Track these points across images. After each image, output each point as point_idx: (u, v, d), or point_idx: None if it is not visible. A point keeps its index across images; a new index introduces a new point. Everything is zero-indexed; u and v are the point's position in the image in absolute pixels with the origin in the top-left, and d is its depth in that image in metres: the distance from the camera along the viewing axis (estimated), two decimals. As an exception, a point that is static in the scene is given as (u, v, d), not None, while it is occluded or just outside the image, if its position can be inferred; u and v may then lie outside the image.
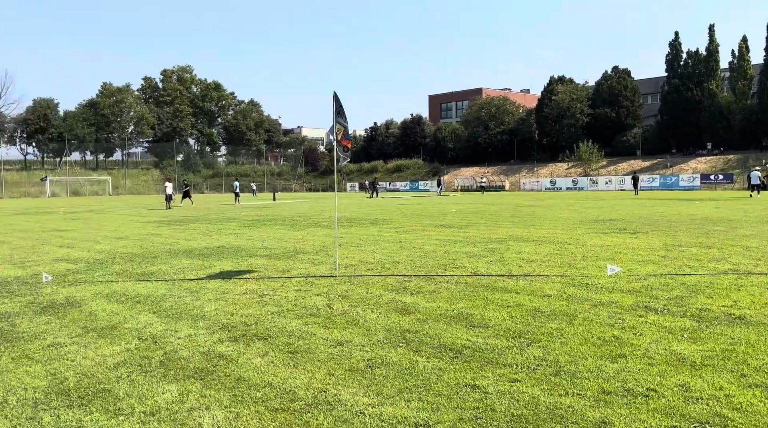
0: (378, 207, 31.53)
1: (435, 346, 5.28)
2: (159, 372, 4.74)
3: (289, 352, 5.20)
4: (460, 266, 9.75)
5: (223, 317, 6.57)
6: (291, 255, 11.71)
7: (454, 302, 7.02)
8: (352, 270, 9.57)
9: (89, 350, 5.39)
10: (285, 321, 6.33)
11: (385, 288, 7.97)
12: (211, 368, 4.83)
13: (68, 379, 4.61)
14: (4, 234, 18.06)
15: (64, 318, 6.67)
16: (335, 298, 7.42)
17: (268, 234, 16.36)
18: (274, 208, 32.25)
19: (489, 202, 35.62)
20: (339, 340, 5.54)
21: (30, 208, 40.01)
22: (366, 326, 6.03)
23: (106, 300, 7.67)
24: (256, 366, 4.85)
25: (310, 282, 8.59)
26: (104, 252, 12.79)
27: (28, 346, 5.57)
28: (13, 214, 31.70)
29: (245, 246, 13.47)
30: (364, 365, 4.82)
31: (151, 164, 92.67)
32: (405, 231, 16.12)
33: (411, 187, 70.68)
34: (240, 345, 5.45)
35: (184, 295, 7.84)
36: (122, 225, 21.20)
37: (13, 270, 10.55)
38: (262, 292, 7.93)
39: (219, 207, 35.45)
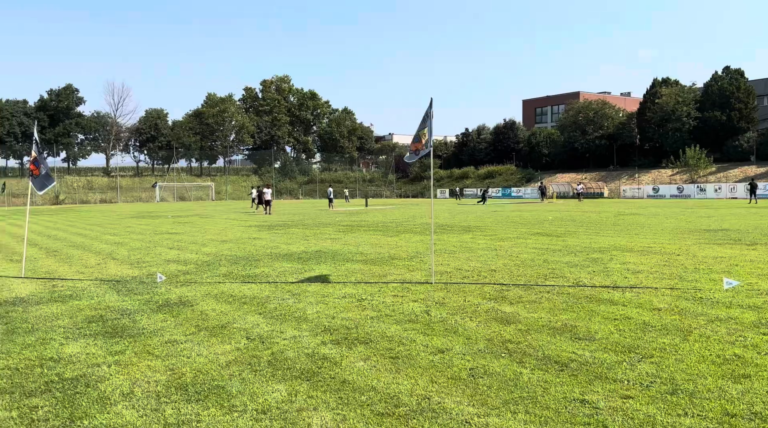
0: (470, 213, 31.24)
1: (539, 358, 5.14)
2: (268, 372, 4.93)
3: (390, 357, 5.25)
4: (560, 276, 9.46)
5: (324, 320, 6.74)
6: (386, 260, 11.83)
7: (556, 313, 6.81)
8: (447, 278, 9.53)
9: (203, 348, 5.70)
10: (384, 326, 6.39)
11: (482, 297, 7.87)
12: (317, 369, 4.95)
13: (185, 375, 4.89)
14: (122, 236, 19.49)
15: (178, 317, 7.08)
16: (432, 305, 7.41)
17: (362, 239, 16.62)
18: (367, 214, 32.74)
19: (587, 209, 34.33)
20: (439, 348, 5.52)
21: (142, 211, 42.95)
22: (466, 334, 5.97)
23: (215, 300, 8.07)
24: (359, 369, 4.93)
25: (407, 288, 8.63)
26: (211, 255, 13.48)
27: (148, 342, 5.96)
28: (127, 217, 34.15)
29: (341, 250, 13.75)
30: (466, 374, 4.77)
31: (250, 171, 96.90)
32: (500, 239, 15.85)
33: (503, 194, 69.44)
34: (342, 349, 5.56)
35: (286, 297, 8.11)
36: (225, 228, 22.28)
37: (131, 270, 11.34)
38: (360, 297, 8.06)
39: (314, 212, 36.45)
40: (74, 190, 75.04)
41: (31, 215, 12.29)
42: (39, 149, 10.62)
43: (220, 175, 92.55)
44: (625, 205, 42.18)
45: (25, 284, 9.77)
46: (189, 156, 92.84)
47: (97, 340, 6.04)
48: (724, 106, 62.55)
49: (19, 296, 8.66)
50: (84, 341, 6.02)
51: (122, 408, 4.16)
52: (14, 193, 68.67)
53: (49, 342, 5.98)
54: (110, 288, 9.25)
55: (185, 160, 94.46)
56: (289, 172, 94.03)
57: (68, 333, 6.34)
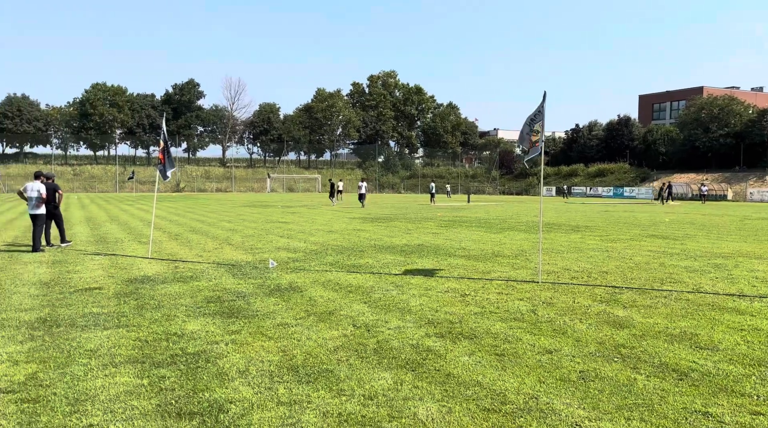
0: (579, 212, 30.08)
1: (655, 365, 4.87)
2: (374, 359, 5.02)
3: (496, 354, 5.18)
4: (678, 281, 8.89)
5: (428, 313, 6.76)
6: (489, 257, 11.67)
7: (674, 320, 6.42)
8: (555, 277, 9.25)
9: (312, 332, 5.90)
10: (489, 322, 6.31)
11: (593, 299, 7.56)
12: (421, 361, 4.99)
13: (296, 357, 5.09)
14: (236, 223, 20.60)
15: (289, 301, 7.39)
16: (539, 304, 7.22)
17: (465, 235, 16.49)
18: (469, 210, 32.44)
19: (709, 212, 31.99)
20: (547, 348, 5.37)
21: (254, 201, 45.13)
22: (575, 336, 5.77)
23: (322, 287, 8.34)
24: (464, 364, 4.91)
25: (511, 286, 8.47)
26: (318, 244, 13.92)
27: (261, 323, 6.26)
28: (241, 205, 36.03)
29: (443, 245, 13.73)
30: (576, 376, 4.62)
31: (355, 165, 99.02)
32: (611, 240, 15.14)
33: (614, 193, 66.21)
34: (447, 342, 5.55)
35: (390, 289, 8.22)
36: (331, 219, 22.92)
37: (245, 255, 11.96)
38: (463, 292, 8.01)
39: (416, 206, 36.63)
40: (193, 178, 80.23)
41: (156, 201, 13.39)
42: (166, 140, 11.45)
43: (327, 168, 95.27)
44: (753, 208, 38.84)
45: (152, 264, 10.58)
46: (298, 149, 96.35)
47: (215, 319, 6.43)
48: None
49: (147, 275, 9.39)
50: (204, 319, 6.43)
51: (239, 385, 4.41)
52: (141, 181, 74.52)
53: (173, 319, 6.44)
54: (226, 271, 9.80)
55: (294, 152, 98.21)
56: (391, 167, 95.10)
57: (189, 312, 6.80)
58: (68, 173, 76.08)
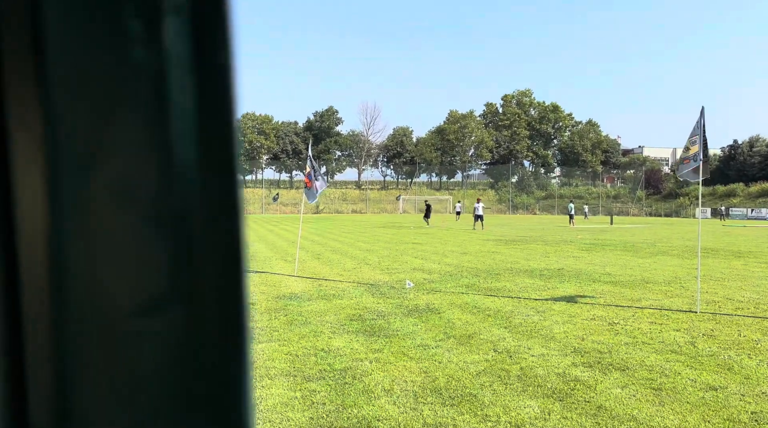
0: (740, 236, 27.36)
1: None
2: (518, 386, 4.90)
3: (651, 388, 4.84)
4: None
5: (573, 341, 6.48)
6: (639, 283, 10.96)
7: None
8: (715, 307, 8.47)
9: (452, 355, 5.90)
10: (642, 354, 5.92)
11: (762, 333, 6.83)
12: (569, 390, 4.78)
13: (438, 379, 5.11)
14: (372, 243, 21.18)
15: (427, 323, 7.44)
16: (699, 337, 6.65)
17: (609, 259, 15.64)
18: (612, 232, 30.72)
19: None
20: (711, 384, 4.93)
21: (387, 222, 46.15)
22: (743, 373, 5.24)
23: (460, 310, 8.30)
24: (616, 396, 4.64)
25: (665, 316, 7.89)
26: (452, 266, 13.91)
27: (402, 343, 6.37)
28: (375, 226, 37.00)
29: (586, 270, 13.12)
30: (747, 417, 4.18)
31: (487, 185, 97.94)
32: (780, 267, 13.61)
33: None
34: (596, 372, 5.28)
35: (531, 314, 8.00)
36: (465, 241, 22.81)
37: (382, 275, 12.25)
38: (611, 320, 7.59)
39: (553, 228, 35.39)
40: (331, 201, 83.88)
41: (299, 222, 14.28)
42: (313, 164, 12.11)
43: (458, 189, 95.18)
44: None
45: (298, 282, 11.17)
46: (430, 170, 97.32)
47: (358, 337, 6.64)
48: None
49: (294, 292, 9.93)
50: (348, 336, 6.66)
51: (385, 403, 4.50)
52: (284, 203, 79.26)
53: (320, 335, 6.74)
54: (366, 290, 10.10)
55: (426, 174, 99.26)
56: (526, 187, 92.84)
57: (334, 328, 7.08)
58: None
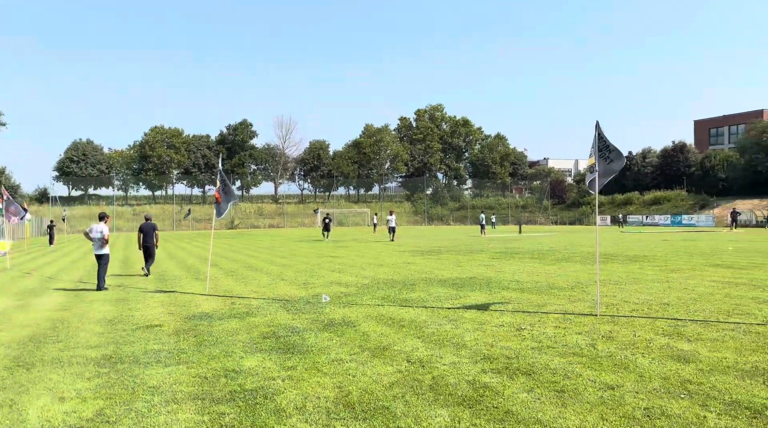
0: (636, 242, 29.20)
1: (726, 402, 4.65)
2: (430, 396, 4.98)
3: (555, 390, 5.05)
4: (747, 313, 8.49)
5: (483, 348, 6.67)
6: (544, 289, 11.44)
7: (744, 354, 6.12)
8: (614, 310, 8.98)
9: (367, 368, 5.90)
10: (547, 357, 6.17)
11: (655, 332, 7.30)
12: (478, 397, 4.91)
13: (352, 393, 5.10)
14: (288, 258, 20.90)
15: (343, 336, 7.42)
16: (599, 339, 7.02)
17: (517, 267, 16.24)
18: (521, 241, 31.95)
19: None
20: (609, 384, 5.21)
21: (305, 236, 45.74)
22: (638, 371, 5.57)
23: (375, 322, 8.34)
24: (522, 401, 4.80)
25: (568, 320, 8.27)
26: (369, 278, 13.97)
27: (316, 359, 6.31)
28: (293, 240, 36.58)
29: (496, 277, 13.55)
30: (641, 414, 4.45)
31: (403, 198, 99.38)
32: (671, 270, 14.63)
33: (672, 222, 64.01)
34: (504, 378, 5.45)
35: (444, 323, 8.15)
36: (382, 253, 22.98)
37: (298, 290, 12.11)
38: (519, 326, 7.87)
39: (466, 238, 36.34)
40: (247, 215, 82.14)
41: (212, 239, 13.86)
42: (223, 178, 11.83)
43: (376, 202, 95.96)
44: (824, 234, 36.84)
45: (209, 301, 10.83)
46: (347, 184, 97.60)
47: (271, 355, 6.52)
48: None
49: (204, 311, 9.62)
50: (260, 355, 6.52)
51: (297, 421, 4.44)
52: (197, 219, 76.79)
53: (231, 355, 6.56)
54: (281, 306, 9.94)
55: (344, 187, 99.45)
56: (440, 199, 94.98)
57: (246, 348, 6.91)
58: (128, 213, 79.09)
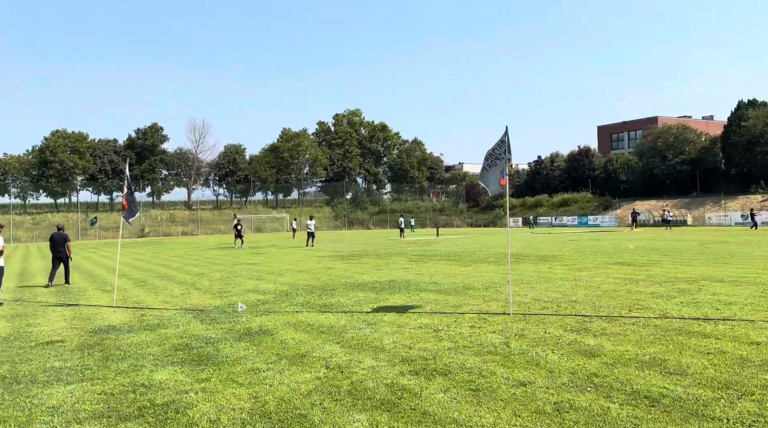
0: (546, 242, 30.50)
1: (628, 393, 4.91)
2: (348, 401, 4.95)
3: (470, 389, 5.16)
4: (646, 307, 9.05)
5: (401, 350, 6.72)
6: (461, 290, 11.71)
7: (644, 346, 6.51)
8: (525, 309, 9.31)
9: (284, 376, 5.80)
10: (463, 357, 6.31)
11: (564, 329, 7.63)
12: (396, 400, 4.93)
13: (268, 403, 4.99)
14: (203, 267, 20.27)
15: (260, 345, 7.26)
16: (512, 337, 7.25)
17: (435, 269, 16.54)
18: (438, 244, 32.58)
19: (672, 237, 32.78)
20: (521, 380, 5.38)
21: (221, 243, 44.55)
22: (548, 367, 5.80)
23: (294, 329, 8.22)
24: (439, 401, 4.87)
25: (484, 319, 8.50)
26: (288, 285, 13.78)
27: (231, 370, 6.13)
28: (208, 248, 35.52)
29: (415, 280, 13.73)
30: (551, 408, 4.62)
31: (323, 202, 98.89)
32: (578, 269, 15.37)
33: (579, 222, 67.43)
34: (421, 380, 5.51)
35: (363, 327, 8.16)
36: (301, 259, 22.74)
37: (213, 299, 11.75)
38: (436, 327, 8.00)
39: (385, 242, 36.64)
40: (158, 223, 78.94)
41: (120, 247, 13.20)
42: (130, 185, 11.31)
43: (295, 207, 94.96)
44: (712, 232, 39.99)
45: (117, 313, 10.31)
46: (265, 189, 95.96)
47: (184, 367, 6.27)
48: (821, 127, 58.64)
49: (111, 324, 9.14)
50: (172, 368, 6.26)
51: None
52: (104, 227, 73.01)
53: (140, 369, 6.26)
54: (194, 317, 9.61)
55: (262, 192, 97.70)
56: (360, 203, 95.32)
57: (157, 361, 6.62)
58: (27, 222, 74.06)
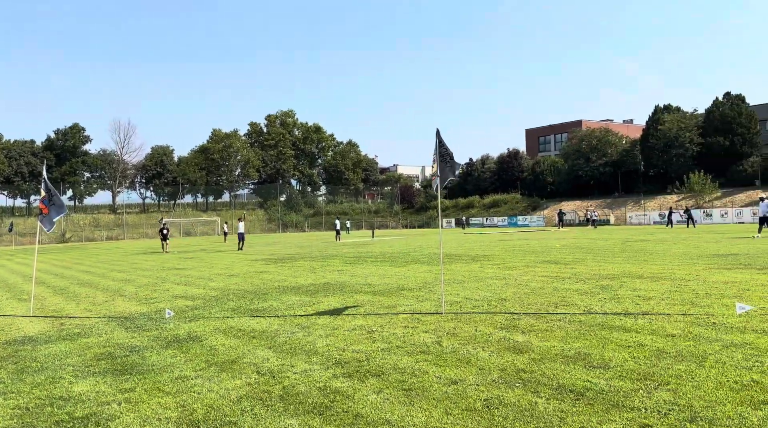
0: (477, 242, 31.17)
1: (554, 387, 5.07)
2: (280, 407, 4.87)
3: (403, 389, 5.19)
4: (571, 304, 9.38)
5: (335, 353, 6.68)
6: (395, 291, 11.78)
7: (569, 341, 6.74)
8: (457, 307, 9.47)
9: (213, 383, 5.65)
10: (396, 357, 6.33)
11: (494, 327, 7.80)
12: (329, 403, 4.90)
13: (197, 411, 4.84)
14: (128, 273, 19.50)
15: (188, 353, 7.04)
16: (444, 336, 7.35)
17: (370, 270, 16.57)
18: (374, 245, 32.70)
19: (595, 236, 34.22)
20: (452, 379, 5.46)
21: (148, 247, 43.06)
22: (479, 365, 5.91)
23: (224, 335, 8.03)
24: (372, 402, 4.87)
25: (417, 319, 8.57)
26: (218, 290, 13.45)
27: (158, 378, 5.92)
28: (134, 253, 34.23)
29: (349, 282, 13.71)
30: (481, 405, 4.71)
31: (256, 205, 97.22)
32: (508, 268, 15.78)
33: (509, 223, 69.38)
34: (354, 382, 5.50)
35: (296, 331, 8.06)
36: (232, 263, 22.27)
37: (139, 306, 11.32)
38: (370, 328, 8.00)
39: (320, 244, 36.45)
40: (80, 227, 75.37)
41: (39, 254, 12.53)
42: (48, 188, 10.73)
43: (226, 210, 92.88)
44: (633, 231, 42.03)
45: (34, 323, 9.75)
46: (195, 191, 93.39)
47: (106, 378, 6.00)
48: (727, 132, 62.72)
49: (27, 335, 8.64)
50: (93, 379, 5.98)
51: (134, 447, 4.11)
52: (21, 233, 69.00)
53: (59, 381, 5.94)
54: (118, 325, 9.22)
55: (191, 195, 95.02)
56: (294, 205, 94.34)
57: (77, 372, 6.30)
58: (-66, 227, 69.05)
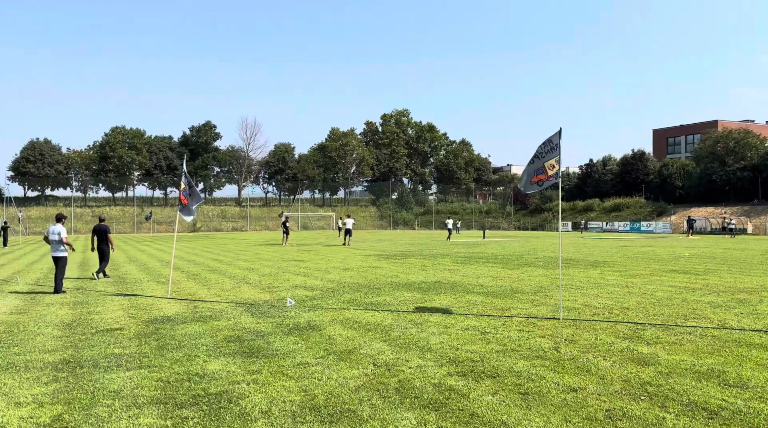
0: (597, 247, 29.82)
1: (684, 404, 4.77)
2: (396, 399, 4.98)
3: (519, 393, 5.11)
4: (702, 317, 8.75)
5: (449, 351, 6.71)
6: (508, 294, 11.58)
7: (701, 357, 6.31)
8: (576, 314, 9.15)
9: (332, 371, 5.88)
10: (511, 360, 6.25)
11: (615, 336, 7.46)
12: (444, 400, 4.93)
13: (318, 397, 5.07)
14: (252, 262, 20.68)
15: (308, 340, 7.37)
16: (562, 342, 7.14)
17: (482, 271, 16.40)
18: (485, 246, 32.29)
19: (730, 246, 31.56)
20: (571, 386, 5.29)
21: (269, 239, 45.35)
22: (600, 374, 5.69)
23: (341, 325, 8.31)
24: (488, 403, 4.85)
25: (532, 323, 8.39)
26: (335, 282, 13.92)
27: (281, 363, 6.25)
28: (257, 244, 36.21)
29: (461, 282, 13.66)
30: (602, 415, 4.54)
31: (369, 202, 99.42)
32: (631, 276, 14.98)
33: (631, 228, 65.62)
34: (469, 381, 5.49)
35: (409, 326, 8.18)
36: (347, 257, 22.93)
37: (263, 294, 11.99)
38: (483, 329, 7.94)
39: (431, 243, 36.55)
40: (209, 218, 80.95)
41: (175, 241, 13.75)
42: (188, 180, 11.64)
43: (341, 206, 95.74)
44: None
45: (171, 304, 10.63)
46: (313, 187, 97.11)
47: (235, 359, 6.43)
48: None
49: (167, 315, 9.44)
50: (224, 359, 6.43)
51: (262, 425, 4.39)
52: (158, 221, 75.32)
53: (194, 359, 6.45)
54: (245, 310, 9.82)
55: (309, 191, 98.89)
56: (405, 203, 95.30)
57: (210, 351, 6.81)
58: (87, 215, 77.12)
